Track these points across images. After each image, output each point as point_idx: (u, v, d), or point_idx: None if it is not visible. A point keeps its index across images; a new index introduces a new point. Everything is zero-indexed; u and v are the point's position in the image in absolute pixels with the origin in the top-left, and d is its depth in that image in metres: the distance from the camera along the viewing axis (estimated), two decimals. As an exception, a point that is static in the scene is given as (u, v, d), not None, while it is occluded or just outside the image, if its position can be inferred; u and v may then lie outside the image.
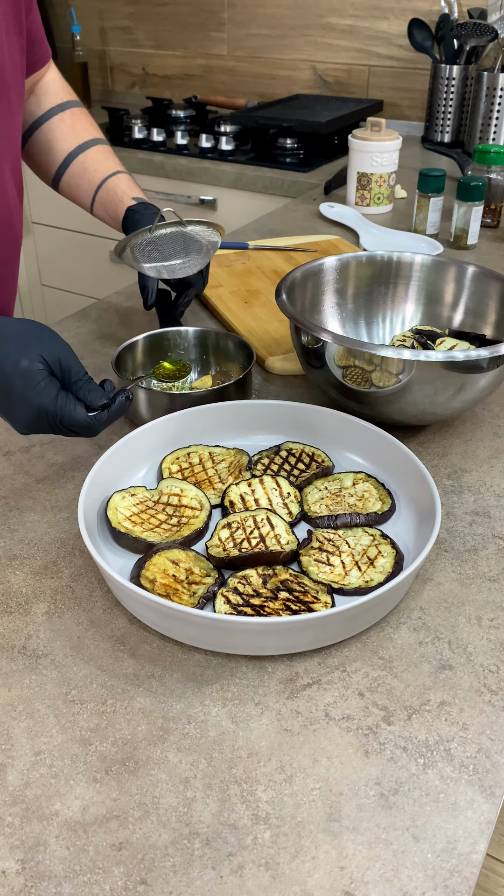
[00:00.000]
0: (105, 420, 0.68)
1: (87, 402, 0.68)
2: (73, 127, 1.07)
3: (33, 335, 0.67)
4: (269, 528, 0.67)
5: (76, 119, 1.07)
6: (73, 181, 1.07)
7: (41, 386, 0.66)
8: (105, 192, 1.03)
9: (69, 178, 1.07)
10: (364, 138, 1.48)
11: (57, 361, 0.67)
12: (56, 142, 1.05)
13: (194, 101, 2.35)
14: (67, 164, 1.06)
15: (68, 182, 1.08)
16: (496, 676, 0.57)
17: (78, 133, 1.06)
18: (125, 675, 0.57)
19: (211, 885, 0.45)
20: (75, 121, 1.07)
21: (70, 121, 1.07)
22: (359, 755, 0.51)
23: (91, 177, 1.05)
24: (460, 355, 0.71)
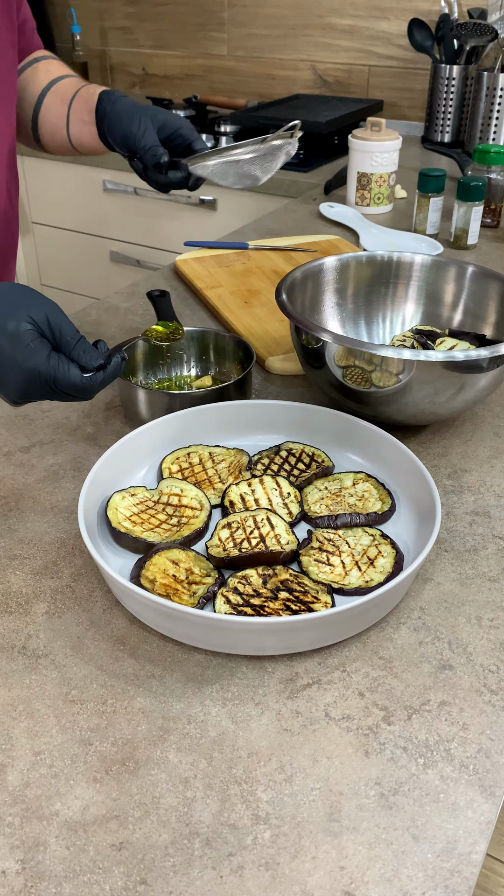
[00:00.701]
0: (101, 381, 0.66)
1: (82, 362, 0.64)
2: (47, 70, 1.02)
3: (18, 296, 0.64)
4: (269, 528, 0.67)
5: (50, 65, 1.02)
6: (48, 115, 0.99)
7: (31, 347, 0.62)
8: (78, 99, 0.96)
9: (44, 115, 1.00)
10: (364, 138, 1.48)
11: (46, 322, 0.63)
12: (27, 87, 1.00)
13: (194, 101, 2.35)
14: (41, 102, 1.00)
15: (44, 119, 1.00)
16: (496, 676, 0.57)
17: (51, 73, 1.01)
18: (125, 675, 0.57)
19: (211, 885, 0.45)
20: (49, 66, 1.02)
21: (44, 66, 1.02)
22: (359, 755, 0.51)
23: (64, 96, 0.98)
24: (460, 355, 0.71)
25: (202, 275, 1.20)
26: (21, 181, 2.17)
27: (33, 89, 1.00)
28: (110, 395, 0.91)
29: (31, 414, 0.88)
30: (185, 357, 0.92)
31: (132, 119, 0.85)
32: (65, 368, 0.63)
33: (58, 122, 0.98)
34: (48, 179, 2.18)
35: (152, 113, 0.87)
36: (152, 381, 0.91)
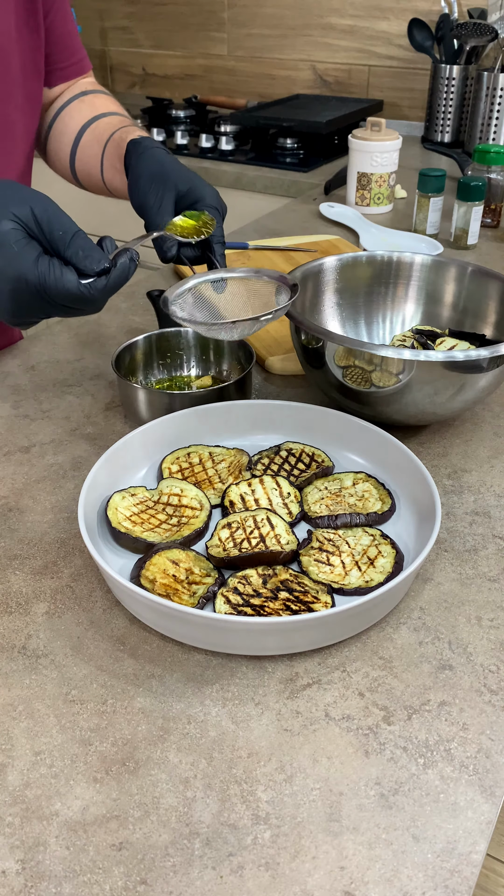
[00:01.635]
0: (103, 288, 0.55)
1: (80, 266, 0.54)
2: (93, 104, 0.93)
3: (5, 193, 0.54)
4: (269, 528, 0.67)
5: (98, 99, 0.94)
6: (84, 155, 0.91)
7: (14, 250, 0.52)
8: (112, 143, 0.86)
9: (81, 154, 0.91)
10: (364, 138, 1.48)
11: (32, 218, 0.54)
12: (69, 122, 0.93)
13: (194, 101, 2.35)
14: (80, 139, 0.92)
15: (81, 158, 0.92)
16: (496, 676, 0.57)
17: (96, 108, 0.93)
18: (125, 675, 0.57)
19: (211, 885, 0.45)
20: (96, 100, 0.94)
21: (90, 100, 0.93)
22: (359, 755, 0.51)
23: (100, 136, 0.89)
24: (460, 355, 0.71)
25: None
26: (21, 181, 2.16)
27: (74, 124, 0.94)
28: (110, 395, 0.91)
29: (31, 414, 0.88)
30: (185, 357, 0.92)
31: (150, 188, 0.74)
32: (57, 274, 0.53)
33: (93, 163, 0.92)
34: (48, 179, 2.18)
35: (175, 179, 0.75)
36: (152, 381, 0.91)
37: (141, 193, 0.75)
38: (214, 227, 0.73)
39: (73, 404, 0.89)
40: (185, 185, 0.75)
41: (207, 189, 0.76)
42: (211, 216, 0.74)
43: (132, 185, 0.76)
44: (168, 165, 0.76)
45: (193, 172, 0.77)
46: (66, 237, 0.54)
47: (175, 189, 0.74)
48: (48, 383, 0.94)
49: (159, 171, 0.75)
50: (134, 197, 0.76)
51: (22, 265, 0.53)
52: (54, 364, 0.98)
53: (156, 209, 0.73)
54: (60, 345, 1.03)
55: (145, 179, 0.75)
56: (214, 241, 0.76)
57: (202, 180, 0.77)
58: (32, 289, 0.54)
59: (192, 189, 0.75)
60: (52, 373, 0.96)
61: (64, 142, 0.94)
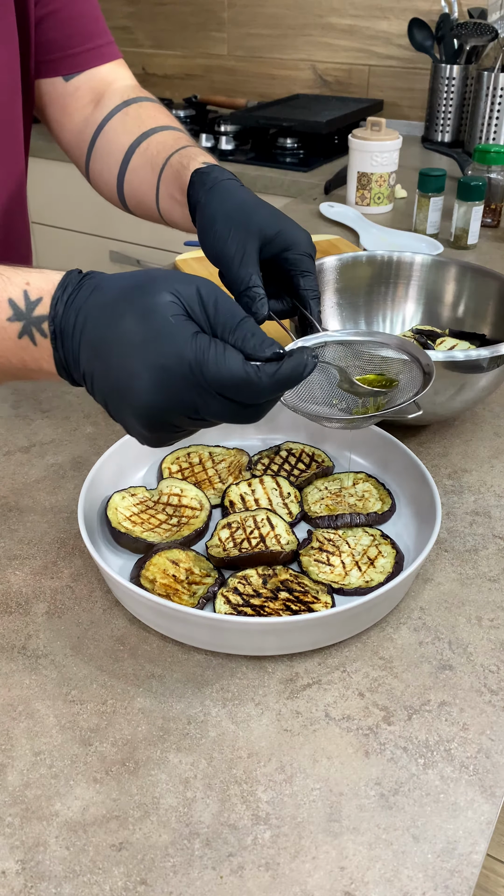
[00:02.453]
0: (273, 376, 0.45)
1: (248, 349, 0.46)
2: (139, 117, 0.83)
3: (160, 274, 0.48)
4: (269, 528, 0.67)
5: (143, 109, 0.84)
6: (135, 179, 0.81)
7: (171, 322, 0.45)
8: (170, 169, 0.75)
9: (131, 178, 0.82)
10: (364, 138, 1.48)
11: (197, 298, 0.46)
12: (114, 140, 0.83)
13: (194, 101, 2.35)
14: (128, 161, 0.81)
15: (131, 183, 0.82)
16: (496, 676, 0.57)
17: (143, 122, 0.82)
18: (125, 675, 0.57)
19: (211, 885, 0.45)
20: (142, 111, 0.83)
21: (135, 112, 0.83)
22: (359, 755, 0.51)
23: (154, 160, 0.78)
24: (460, 355, 0.71)
25: (202, 274, 1.20)
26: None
27: (121, 144, 0.82)
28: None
29: (31, 414, 0.88)
30: None
31: (229, 234, 0.63)
32: (219, 350, 0.45)
33: (147, 190, 0.80)
34: (48, 179, 2.18)
35: (260, 222, 0.64)
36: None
37: (218, 240, 0.64)
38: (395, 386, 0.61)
39: (73, 404, 0.89)
40: (272, 229, 0.64)
41: (299, 233, 0.65)
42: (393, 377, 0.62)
43: (205, 229, 0.66)
44: (248, 204, 0.65)
45: (280, 211, 0.67)
46: (235, 319, 0.47)
47: (260, 234, 0.63)
48: (48, 383, 0.94)
49: (238, 212, 0.64)
50: (208, 243, 0.65)
51: (177, 340, 0.44)
52: (54, 364, 0.98)
53: (238, 261, 0.63)
54: (60, 345, 1.03)
55: (222, 223, 0.64)
56: (310, 297, 0.65)
57: (292, 221, 0.66)
58: (186, 369, 0.45)
59: (281, 234, 0.64)
60: (52, 373, 0.96)
61: (110, 163, 0.84)
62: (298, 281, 0.65)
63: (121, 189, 0.84)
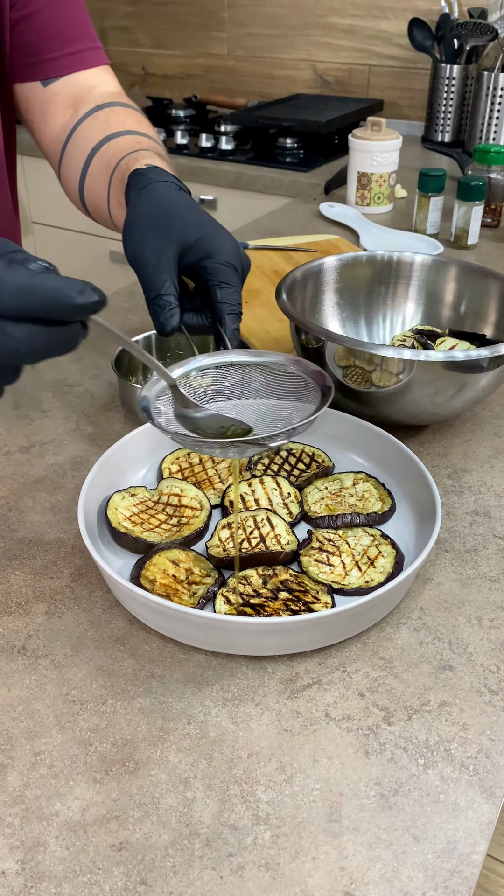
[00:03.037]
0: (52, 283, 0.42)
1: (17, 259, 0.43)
2: (107, 121, 0.78)
3: None
4: (269, 528, 0.67)
5: (113, 114, 0.79)
6: (92, 184, 0.78)
7: None
8: (118, 172, 0.71)
9: (89, 184, 0.78)
10: (364, 138, 1.48)
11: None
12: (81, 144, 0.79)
13: (194, 101, 2.35)
14: (88, 165, 0.78)
15: (89, 188, 0.78)
16: (496, 676, 0.57)
17: (109, 126, 0.78)
18: (125, 675, 0.57)
19: (211, 885, 0.45)
20: (111, 115, 0.79)
21: (105, 116, 0.79)
22: (359, 755, 0.51)
23: (108, 164, 0.74)
24: (460, 355, 0.71)
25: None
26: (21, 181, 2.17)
27: (85, 148, 0.79)
28: (110, 395, 0.91)
29: (31, 414, 0.88)
30: (185, 357, 0.92)
31: (146, 237, 0.60)
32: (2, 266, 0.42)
33: (101, 195, 0.77)
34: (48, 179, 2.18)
35: (181, 226, 0.60)
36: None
37: (136, 243, 0.60)
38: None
39: (73, 404, 0.89)
40: (193, 235, 0.60)
41: (223, 241, 0.61)
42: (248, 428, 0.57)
43: (127, 230, 0.62)
44: (173, 207, 0.61)
45: (209, 217, 0.62)
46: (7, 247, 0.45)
47: (179, 238, 0.60)
48: (48, 383, 0.94)
49: (162, 215, 0.61)
50: (127, 245, 0.61)
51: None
52: (54, 364, 0.98)
53: (152, 266, 0.59)
54: (60, 345, 1.03)
55: (142, 224, 0.60)
56: (225, 312, 0.60)
57: (220, 227, 0.62)
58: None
59: (202, 240, 0.60)
60: (51, 373, 0.96)
61: (74, 168, 0.81)
62: (215, 293, 0.60)
63: (82, 194, 0.81)
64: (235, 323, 0.61)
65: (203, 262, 0.60)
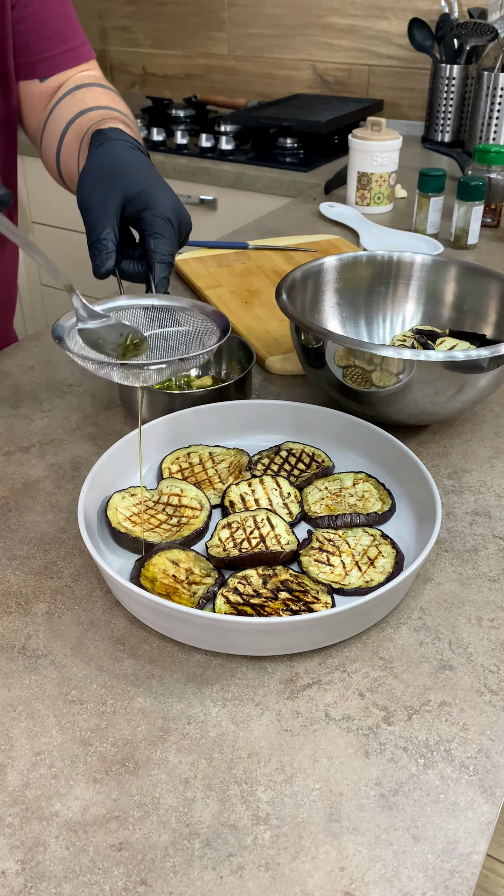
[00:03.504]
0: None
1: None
2: (83, 98, 0.83)
3: None
4: (269, 529, 0.67)
5: (90, 92, 0.84)
6: (66, 154, 0.82)
7: None
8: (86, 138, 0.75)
9: (64, 154, 0.83)
10: (364, 138, 1.48)
11: None
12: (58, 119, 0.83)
13: (194, 101, 2.35)
14: (63, 137, 0.82)
15: (63, 158, 0.83)
16: (496, 677, 0.57)
17: (85, 102, 0.83)
18: (125, 676, 0.57)
19: (211, 885, 0.45)
20: (87, 93, 0.84)
21: (81, 94, 0.84)
22: (359, 755, 0.51)
23: (80, 132, 0.78)
24: (460, 355, 0.71)
25: (202, 274, 1.20)
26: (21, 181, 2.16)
27: (62, 121, 0.84)
28: (110, 395, 0.91)
29: (31, 414, 0.88)
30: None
31: (95, 187, 0.65)
32: None
33: (72, 162, 0.81)
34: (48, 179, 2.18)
35: (126, 180, 0.65)
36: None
37: (84, 191, 0.66)
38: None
39: (73, 404, 0.89)
40: (135, 188, 0.65)
41: (162, 195, 0.65)
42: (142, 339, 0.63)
43: (80, 180, 0.67)
44: (122, 162, 0.66)
45: (157, 175, 0.67)
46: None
47: (123, 191, 0.65)
48: (48, 383, 0.94)
49: (111, 168, 0.66)
50: (78, 193, 0.67)
51: None
52: (54, 364, 0.98)
53: (96, 210, 0.64)
54: (60, 345, 1.03)
55: (92, 175, 0.66)
56: (157, 261, 0.65)
57: (162, 184, 0.67)
58: None
59: (143, 193, 0.65)
60: (51, 373, 0.96)
61: (51, 142, 0.86)
62: (149, 242, 0.65)
63: (58, 165, 0.86)
64: (164, 272, 0.65)
65: (141, 214, 0.65)
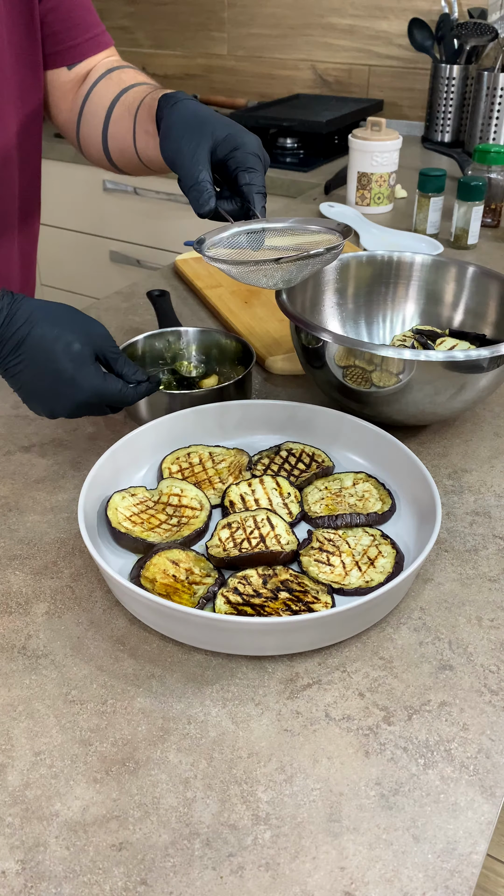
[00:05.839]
0: (141, 393, 0.71)
1: (127, 377, 0.70)
2: (120, 79, 0.89)
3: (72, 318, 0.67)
4: (269, 528, 0.67)
5: (124, 73, 0.90)
6: (115, 130, 0.87)
7: (91, 370, 0.66)
8: (143, 107, 0.82)
9: (113, 131, 0.88)
10: (364, 138, 1.48)
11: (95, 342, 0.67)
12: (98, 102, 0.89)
13: (194, 101, 2.35)
14: (110, 115, 0.88)
15: (113, 135, 0.88)
16: (496, 676, 0.57)
17: (123, 81, 0.89)
18: (125, 676, 0.57)
19: (211, 885, 0.45)
20: (123, 74, 0.90)
21: (117, 76, 0.90)
22: (359, 755, 0.51)
23: (131, 106, 0.84)
24: (460, 355, 0.71)
25: (202, 274, 1.20)
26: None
27: (103, 103, 0.89)
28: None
29: (31, 414, 0.87)
30: (185, 357, 0.92)
31: (183, 136, 0.71)
32: (115, 385, 0.68)
33: (125, 134, 0.86)
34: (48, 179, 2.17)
35: (212, 126, 0.71)
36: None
37: (173, 142, 0.71)
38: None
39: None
40: (222, 132, 0.71)
41: (248, 136, 0.72)
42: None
43: (163, 137, 0.73)
44: (203, 113, 0.72)
45: (233, 121, 0.73)
46: (119, 359, 0.69)
47: (212, 136, 0.70)
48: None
49: (193, 119, 0.71)
50: (165, 148, 0.72)
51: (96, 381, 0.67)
52: (54, 364, 0.98)
53: (189, 157, 0.69)
54: (60, 345, 1.03)
55: (178, 128, 0.71)
56: (255, 192, 0.71)
57: (242, 128, 0.72)
58: (100, 397, 0.67)
59: (230, 136, 0.71)
60: (52, 373, 0.96)
61: (94, 123, 0.91)
62: (243, 177, 0.71)
63: (105, 144, 0.90)
64: (262, 201, 0.72)
65: (232, 153, 0.71)
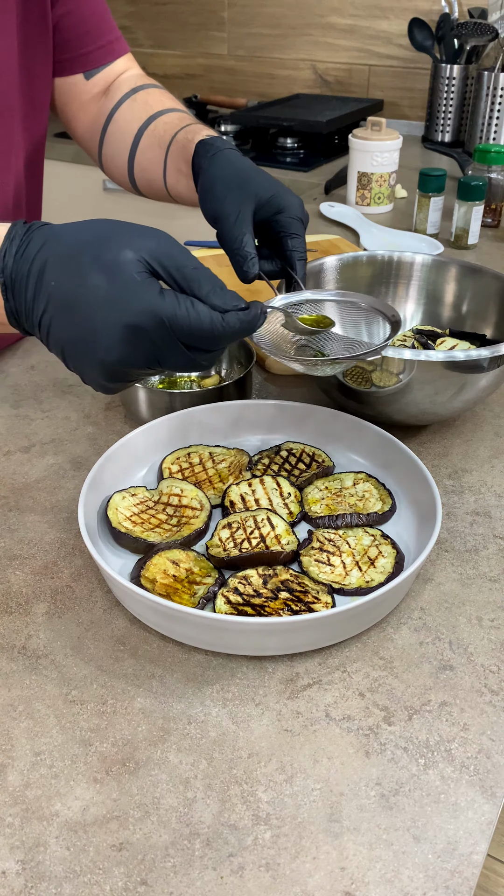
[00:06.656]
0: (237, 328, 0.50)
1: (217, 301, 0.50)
2: (147, 102, 0.87)
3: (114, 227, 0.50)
4: (269, 529, 0.67)
5: (150, 95, 0.88)
6: (143, 160, 0.85)
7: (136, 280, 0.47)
8: (176, 144, 0.80)
9: (140, 159, 0.86)
10: (364, 138, 1.48)
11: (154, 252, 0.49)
12: (124, 126, 0.87)
13: (195, 101, 2.35)
14: (138, 142, 0.86)
15: (140, 164, 0.86)
16: (497, 677, 0.57)
17: (151, 106, 0.87)
18: (125, 676, 0.57)
19: (211, 885, 0.44)
20: (149, 97, 0.88)
21: (143, 98, 0.88)
22: (359, 755, 0.51)
23: (162, 138, 0.82)
24: (461, 355, 0.71)
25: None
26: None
27: (130, 129, 0.87)
28: (110, 395, 0.91)
29: (31, 414, 0.88)
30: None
31: (226, 196, 0.68)
32: (189, 306, 0.48)
33: (155, 168, 0.85)
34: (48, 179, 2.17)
35: (255, 186, 0.68)
36: (153, 380, 0.91)
37: (216, 201, 0.68)
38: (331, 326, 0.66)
39: (73, 404, 0.89)
40: (266, 193, 0.68)
41: (292, 198, 0.69)
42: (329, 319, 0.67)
43: (205, 192, 0.70)
44: (246, 170, 0.70)
45: (274, 178, 0.71)
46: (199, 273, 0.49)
47: (255, 197, 0.68)
48: (48, 383, 0.94)
49: (236, 177, 0.69)
50: (206, 205, 0.70)
51: (146, 298, 0.47)
52: (54, 364, 0.98)
53: (232, 221, 0.66)
54: (60, 344, 1.03)
55: (220, 186, 0.69)
56: (296, 259, 0.69)
57: (285, 187, 0.70)
58: (159, 325, 0.48)
59: (274, 197, 0.68)
60: (52, 373, 0.96)
61: (121, 148, 0.89)
62: (287, 242, 0.69)
63: (131, 171, 0.89)
64: (304, 269, 0.70)
65: (276, 217, 0.69)
